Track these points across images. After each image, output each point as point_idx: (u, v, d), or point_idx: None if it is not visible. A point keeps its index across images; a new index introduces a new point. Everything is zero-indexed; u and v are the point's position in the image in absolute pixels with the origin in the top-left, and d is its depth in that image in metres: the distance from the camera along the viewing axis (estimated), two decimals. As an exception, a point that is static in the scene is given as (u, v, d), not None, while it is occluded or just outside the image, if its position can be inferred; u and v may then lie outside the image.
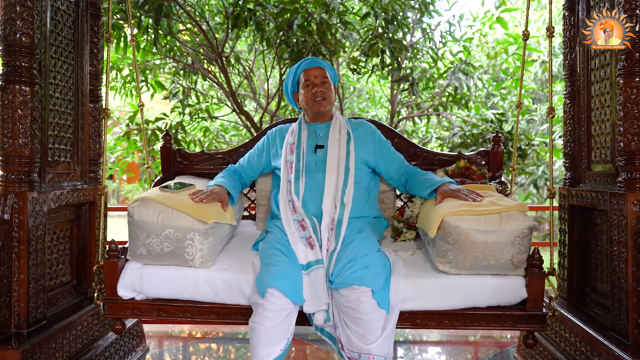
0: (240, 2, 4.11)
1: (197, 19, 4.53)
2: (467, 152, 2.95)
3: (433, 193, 2.23)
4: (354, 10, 5.01)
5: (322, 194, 2.29)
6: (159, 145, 5.43)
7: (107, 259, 2.10)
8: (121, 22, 4.28)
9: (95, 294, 2.16)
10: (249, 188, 2.87)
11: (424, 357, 3.16)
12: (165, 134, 2.82)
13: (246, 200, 2.87)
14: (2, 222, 2.11)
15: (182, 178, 2.60)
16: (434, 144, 6.91)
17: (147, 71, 5.29)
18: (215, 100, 6.02)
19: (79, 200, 2.56)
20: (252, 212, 2.92)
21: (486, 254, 1.94)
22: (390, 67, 4.64)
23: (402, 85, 5.31)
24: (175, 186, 2.26)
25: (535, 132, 7.72)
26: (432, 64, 5.53)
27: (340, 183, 2.30)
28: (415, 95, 5.07)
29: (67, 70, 2.55)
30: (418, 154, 2.75)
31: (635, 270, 2.01)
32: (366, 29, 4.76)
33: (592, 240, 2.43)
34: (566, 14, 2.60)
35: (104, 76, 2.21)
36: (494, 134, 2.70)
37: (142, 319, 2.61)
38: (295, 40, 4.13)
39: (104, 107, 2.23)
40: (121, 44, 4.48)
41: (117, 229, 3.72)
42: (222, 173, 2.48)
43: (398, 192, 2.76)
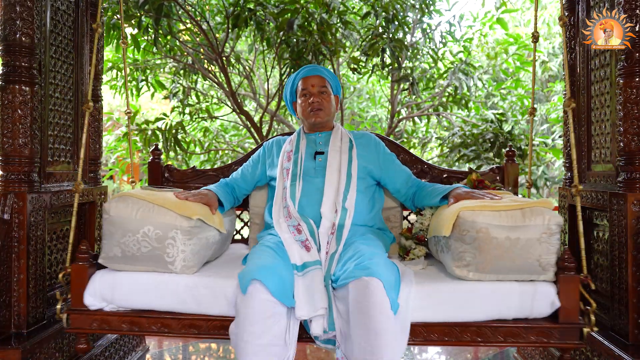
0: (240, 2, 4.11)
1: (197, 18, 4.52)
2: (473, 164, 2.81)
3: (445, 199, 2.04)
4: (354, 10, 5.00)
5: (320, 198, 2.11)
6: (158, 146, 5.44)
7: (75, 261, 1.88)
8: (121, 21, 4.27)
9: (59, 306, 1.88)
10: (242, 209, 2.67)
11: (423, 357, 3.16)
12: (155, 148, 2.67)
13: (238, 222, 2.68)
14: (2, 222, 2.11)
15: None
16: (434, 144, 6.91)
17: (148, 71, 5.29)
18: (215, 100, 6.02)
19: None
20: (245, 236, 2.74)
21: (509, 254, 1.73)
22: (391, 67, 4.64)
23: (402, 85, 5.30)
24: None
25: (535, 132, 7.71)
26: (432, 64, 5.52)
27: (342, 188, 2.13)
28: (415, 95, 5.06)
29: (67, 70, 2.56)
30: (426, 170, 2.59)
31: (635, 270, 2.01)
32: (366, 29, 4.76)
33: (592, 240, 2.44)
34: (566, 14, 2.61)
35: (92, 69, 2.14)
36: (507, 149, 2.55)
37: (110, 333, 2.36)
38: (295, 40, 4.13)
39: (88, 98, 2.14)
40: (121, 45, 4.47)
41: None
42: (214, 184, 2.32)
43: (405, 213, 2.60)
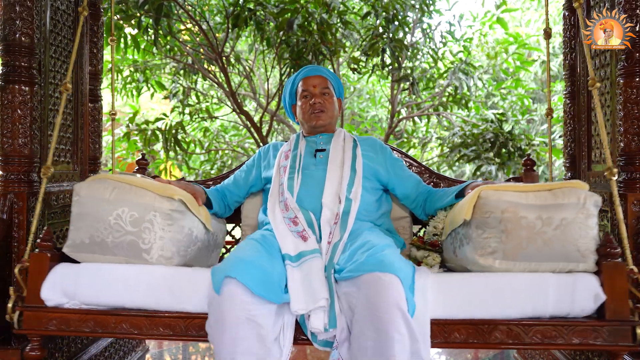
0: (240, 2, 4.11)
1: (197, 18, 4.52)
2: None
3: (460, 197, 1.86)
4: (354, 10, 5.00)
5: (321, 189, 1.95)
6: (158, 146, 5.46)
7: (34, 251, 1.66)
8: (121, 22, 4.28)
9: (10, 304, 1.61)
10: (234, 223, 2.44)
11: (424, 357, 3.15)
12: (141, 158, 2.52)
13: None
14: (2, 222, 2.11)
15: None
16: (434, 144, 6.91)
17: (148, 71, 5.29)
18: (215, 100, 6.02)
19: (78, 200, 2.55)
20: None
21: (542, 236, 1.50)
22: (391, 67, 4.64)
23: (402, 85, 5.30)
24: None
25: (535, 132, 7.72)
26: (432, 64, 5.53)
27: (345, 181, 1.96)
28: (416, 95, 5.06)
29: (67, 70, 2.55)
30: (436, 182, 2.43)
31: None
32: (367, 29, 4.76)
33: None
34: (566, 14, 2.60)
35: (73, 53, 2.02)
36: (525, 157, 2.45)
37: (69, 334, 2.02)
38: (295, 40, 4.13)
39: (65, 82, 2.02)
40: (121, 45, 4.48)
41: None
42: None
43: (415, 229, 2.41)
